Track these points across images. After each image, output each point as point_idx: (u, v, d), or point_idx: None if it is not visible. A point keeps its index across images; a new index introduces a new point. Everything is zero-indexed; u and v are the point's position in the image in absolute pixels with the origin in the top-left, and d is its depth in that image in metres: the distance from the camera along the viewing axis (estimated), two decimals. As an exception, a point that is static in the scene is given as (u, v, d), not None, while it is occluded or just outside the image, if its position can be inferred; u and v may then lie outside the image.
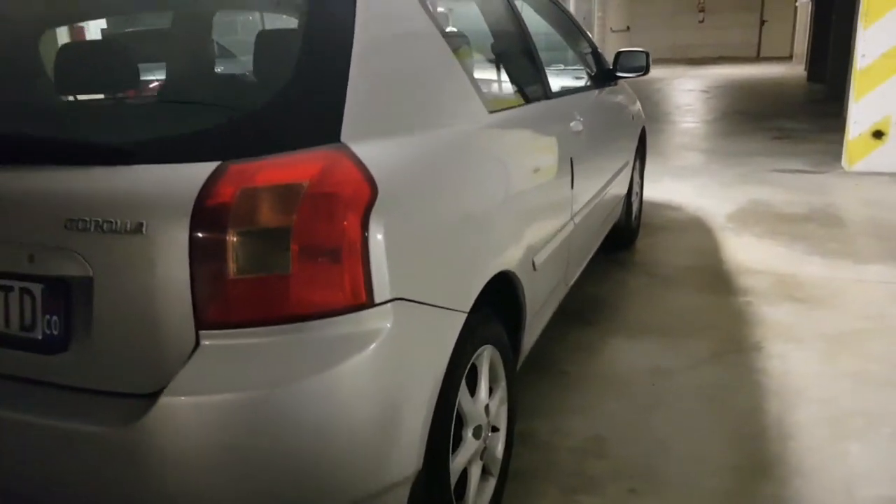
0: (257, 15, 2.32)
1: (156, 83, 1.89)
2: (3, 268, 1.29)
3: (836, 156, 6.23)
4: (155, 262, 1.17)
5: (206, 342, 1.19)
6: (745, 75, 15.99)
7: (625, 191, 3.63)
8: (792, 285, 3.42)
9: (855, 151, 5.88)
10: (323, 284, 1.20)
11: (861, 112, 5.79)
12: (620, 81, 3.48)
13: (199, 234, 1.16)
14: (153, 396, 1.20)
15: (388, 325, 1.26)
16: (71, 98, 1.66)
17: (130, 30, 2.28)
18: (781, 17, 21.93)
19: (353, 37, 1.37)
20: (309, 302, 1.20)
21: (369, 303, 1.24)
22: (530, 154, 2.09)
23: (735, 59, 21.34)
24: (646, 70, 3.26)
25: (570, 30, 3.24)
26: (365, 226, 1.22)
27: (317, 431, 1.20)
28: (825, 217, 4.57)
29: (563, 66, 3.26)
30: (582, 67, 3.17)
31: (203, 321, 1.18)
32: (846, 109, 8.36)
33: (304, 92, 1.31)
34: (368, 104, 1.36)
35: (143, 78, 1.77)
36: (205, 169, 1.19)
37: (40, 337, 1.29)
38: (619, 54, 3.29)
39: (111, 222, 1.18)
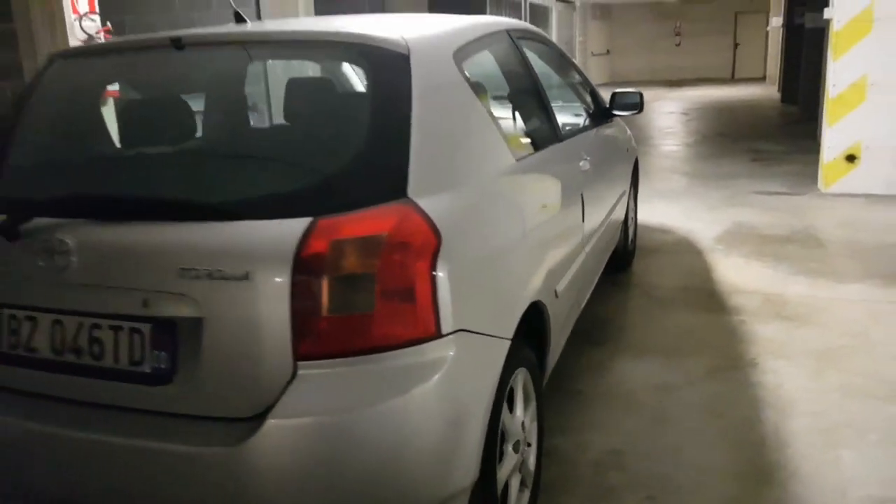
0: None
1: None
2: (116, 310, 1.48)
3: (813, 177, 6.56)
4: (259, 304, 1.37)
5: (303, 371, 1.39)
6: (721, 96, 16.49)
7: (623, 217, 3.88)
8: (779, 304, 3.68)
9: (830, 174, 6.21)
10: (400, 320, 1.41)
11: (834, 137, 6.13)
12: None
13: (299, 280, 1.37)
14: (253, 420, 1.39)
15: (452, 353, 1.47)
16: (181, 160, 1.86)
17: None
18: (753, 41, 22.67)
19: (411, 108, 1.59)
20: (388, 335, 1.41)
21: (437, 334, 1.44)
22: (550, 193, 2.32)
23: (712, 80, 21.94)
24: (639, 109, 3.51)
25: (571, 72, 3.49)
26: (433, 268, 1.44)
27: (396, 447, 1.40)
28: (806, 238, 4.86)
29: (564, 105, 3.51)
30: (582, 106, 3.43)
31: (300, 354, 1.38)
32: (819, 133, 8.77)
33: (376, 156, 1.53)
34: (427, 163, 1.58)
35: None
36: (299, 224, 1.40)
37: (148, 370, 1.48)
38: (614, 94, 3.55)
39: (221, 271, 1.38)
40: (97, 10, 5.03)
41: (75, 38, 4.94)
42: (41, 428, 1.54)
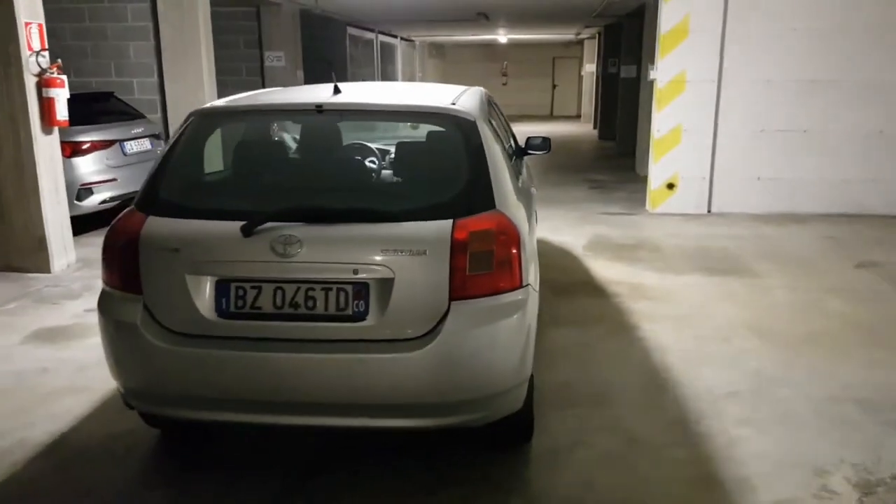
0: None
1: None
2: (331, 277, 2.39)
3: (641, 201, 8.41)
4: (431, 268, 2.37)
5: (453, 306, 2.40)
6: (548, 132, 18.70)
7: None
8: (642, 289, 5.16)
9: (655, 198, 8.07)
10: (503, 277, 2.47)
11: (658, 170, 8.00)
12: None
13: (453, 253, 2.38)
14: (423, 338, 2.37)
15: (527, 297, 2.55)
16: (379, 184, 2.77)
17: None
18: (569, 83, 25.96)
19: (485, 155, 2.67)
20: (498, 286, 2.46)
21: (520, 286, 2.52)
22: (531, 207, 3.48)
23: (535, 116, 24.70)
24: (548, 150, 4.79)
25: (504, 121, 4.72)
26: (519, 249, 2.52)
27: (503, 348, 2.46)
28: (648, 245, 6.51)
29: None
30: (513, 146, 4.65)
31: (452, 296, 2.39)
32: (638, 164, 10.88)
33: (475, 184, 2.58)
34: (496, 188, 2.65)
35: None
36: (447, 224, 2.42)
37: (350, 313, 2.41)
38: (529, 138, 4.81)
39: (410, 250, 2.36)
40: (46, 46, 5.43)
41: (29, 73, 5.30)
42: (273, 354, 2.39)
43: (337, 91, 2.94)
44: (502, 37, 21.49)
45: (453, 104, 2.85)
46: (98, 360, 3.89)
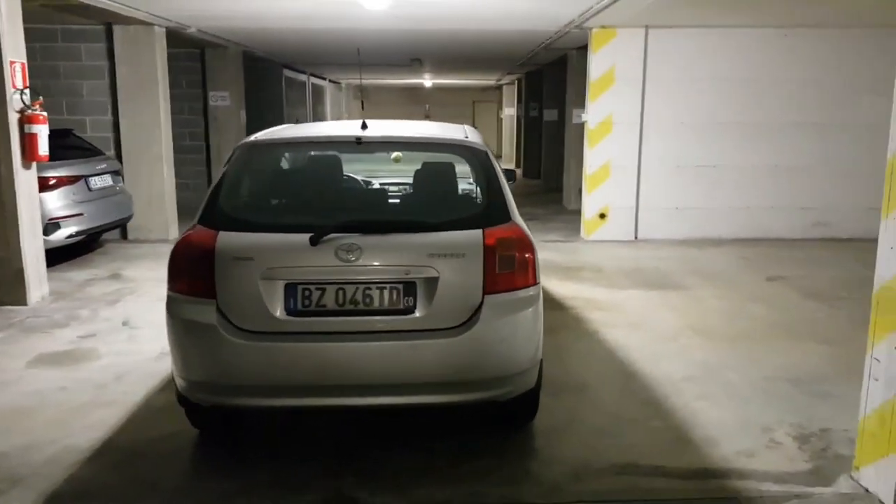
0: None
1: None
2: (392, 277, 2.86)
3: (576, 230, 9.22)
4: (468, 268, 2.89)
5: (486, 300, 2.92)
6: (475, 171, 19.77)
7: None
8: (595, 302, 5.84)
9: (589, 227, 8.90)
10: (522, 276, 3.02)
11: (591, 202, 8.85)
12: None
13: (486, 256, 2.92)
14: (463, 326, 2.88)
15: (538, 293, 3.11)
16: (423, 204, 3.31)
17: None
18: (489, 125, 27.24)
19: (498, 178, 3.25)
20: (519, 283, 3.00)
21: (535, 283, 3.07)
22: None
23: (458, 156, 25.70)
24: (514, 180, 5.43)
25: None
26: (533, 254, 3.08)
27: (524, 333, 3.00)
28: (591, 267, 7.25)
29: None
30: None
31: (485, 291, 2.92)
32: (565, 199, 11.79)
33: (494, 202, 3.14)
34: (510, 205, 3.22)
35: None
36: (478, 232, 2.96)
37: (402, 307, 2.88)
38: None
39: (452, 254, 2.88)
40: (28, 84, 5.63)
41: (13, 110, 5.48)
42: (337, 344, 2.82)
43: (364, 126, 3.44)
44: (427, 81, 22.45)
45: (466, 137, 3.43)
46: (116, 377, 4.15)
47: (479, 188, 3.24)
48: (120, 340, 4.84)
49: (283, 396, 2.91)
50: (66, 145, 7.32)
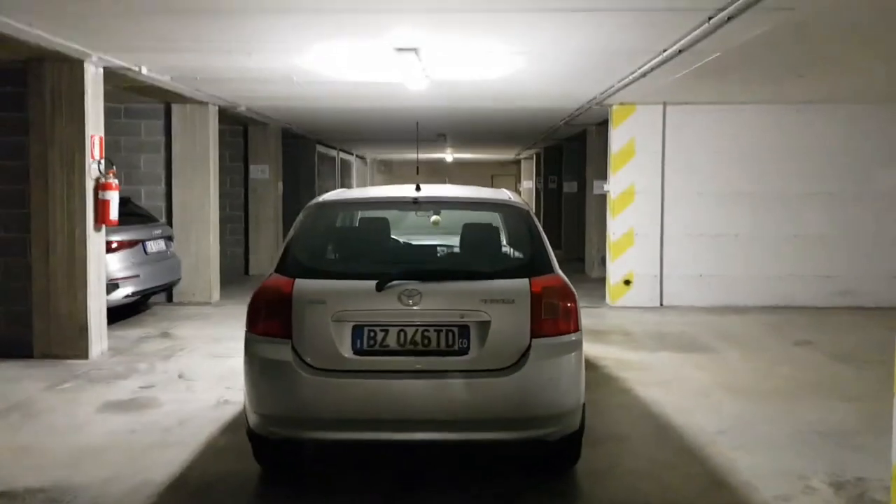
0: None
1: None
2: (442, 321, 3.18)
3: (600, 297, 9.46)
4: (517, 313, 3.20)
5: (533, 343, 3.21)
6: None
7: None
8: (626, 363, 6.06)
9: (614, 293, 9.17)
10: (567, 322, 3.31)
11: (616, 268, 9.15)
12: None
13: (533, 303, 3.23)
14: (512, 367, 3.16)
15: (581, 339, 3.39)
16: (472, 257, 3.72)
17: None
18: (510, 197, 27.93)
19: (541, 234, 3.60)
20: (563, 329, 3.29)
21: (577, 330, 3.36)
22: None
23: (481, 229, 26.29)
24: None
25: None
26: (575, 302, 3.38)
27: (568, 376, 3.26)
28: (619, 331, 7.48)
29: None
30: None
31: (533, 335, 3.21)
32: (587, 267, 12.08)
33: (537, 255, 3.48)
34: (551, 258, 3.55)
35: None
36: (525, 281, 3.28)
37: (456, 348, 3.18)
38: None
39: (502, 300, 3.19)
40: (104, 155, 6.18)
41: (90, 178, 6.01)
42: (398, 381, 3.11)
43: (418, 188, 3.84)
44: (448, 156, 23.31)
45: (510, 198, 3.81)
46: (179, 422, 4.44)
47: (522, 243, 3.59)
48: (178, 391, 5.15)
49: (348, 430, 3.18)
50: (125, 212, 7.83)
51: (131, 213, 7.86)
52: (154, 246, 7.68)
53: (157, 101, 8.70)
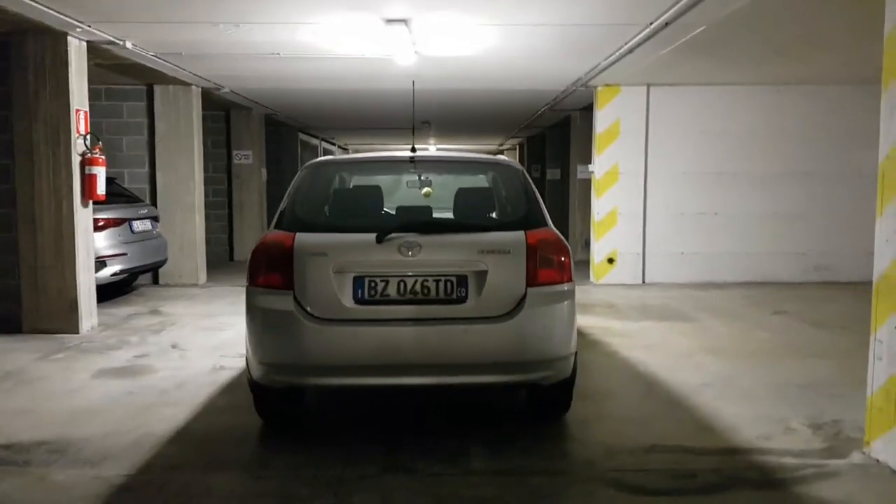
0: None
1: None
2: (447, 270, 3.27)
3: (584, 276, 9.61)
4: (513, 263, 3.30)
5: (529, 291, 3.32)
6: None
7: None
8: (611, 330, 6.20)
9: (598, 272, 9.33)
10: (560, 273, 3.42)
11: (600, 247, 9.31)
12: None
13: (528, 254, 3.33)
14: (508, 314, 3.27)
15: (573, 289, 3.50)
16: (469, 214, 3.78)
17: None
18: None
19: (535, 190, 3.71)
20: (556, 279, 3.41)
21: (569, 280, 3.48)
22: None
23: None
24: None
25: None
26: (568, 255, 3.50)
27: (561, 323, 3.38)
28: (603, 304, 7.64)
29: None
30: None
31: (528, 284, 3.32)
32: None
33: (532, 210, 3.59)
34: (545, 213, 3.67)
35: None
36: (521, 233, 3.38)
37: (455, 297, 3.28)
38: None
39: (499, 250, 3.30)
40: (90, 130, 6.18)
41: (76, 153, 6.00)
42: (398, 328, 3.20)
43: (414, 150, 3.93)
44: (432, 147, 23.36)
45: (505, 159, 3.92)
46: (176, 385, 4.50)
47: (517, 199, 3.70)
48: (172, 359, 5.18)
49: (349, 376, 3.27)
50: (110, 192, 7.81)
51: (116, 194, 7.84)
52: (140, 225, 7.67)
53: (140, 82, 8.66)
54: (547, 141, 16.11)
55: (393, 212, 4.20)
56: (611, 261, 9.29)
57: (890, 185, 3.18)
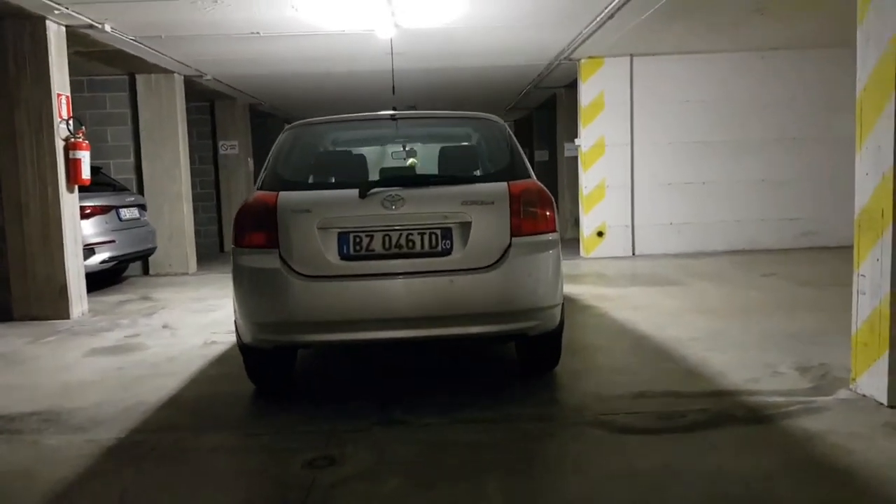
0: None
1: None
2: (426, 223, 3.28)
3: (575, 251, 9.65)
4: (497, 214, 3.31)
5: (514, 241, 3.33)
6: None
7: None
8: (601, 296, 6.23)
9: (588, 245, 9.36)
10: (544, 223, 3.44)
11: (588, 221, 9.34)
12: None
13: (511, 204, 3.35)
14: (494, 265, 3.28)
15: (558, 238, 3.52)
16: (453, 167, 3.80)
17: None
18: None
19: (516, 144, 3.72)
20: (541, 228, 3.42)
21: (554, 230, 3.49)
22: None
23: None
24: None
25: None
26: (551, 204, 3.52)
27: (548, 272, 3.39)
28: (594, 274, 7.67)
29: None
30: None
31: (512, 234, 3.33)
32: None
33: (516, 162, 3.60)
34: (528, 166, 3.68)
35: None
36: (504, 185, 3.40)
37: (440, 249, 3.29)
38: None
39: (483, 201, 3.30)
40: (72, 114, 6.14)
41: (59, 138, 5.97)
42: (385, 282, 3.21)
43: (395, 109, 3.93)
44: (420, 135, 23.37)
45: (486, 114, 3.93)
46: (168, 359, 4.50)
47: (501, 153, 3.71)
48: (164, 337, 5.18)
49: (338, 332, 3.27)
50: (96, 181, 7.79)
51: (102, 183, 7.81)
52: (128, 213, 7.64)
53: (122, 71, 8.61)
54: (534, 122, 16.12)
55: (377, 176, 4.21)
56: (600, 234, 9.32)
57: (868, 119, 3.20)
